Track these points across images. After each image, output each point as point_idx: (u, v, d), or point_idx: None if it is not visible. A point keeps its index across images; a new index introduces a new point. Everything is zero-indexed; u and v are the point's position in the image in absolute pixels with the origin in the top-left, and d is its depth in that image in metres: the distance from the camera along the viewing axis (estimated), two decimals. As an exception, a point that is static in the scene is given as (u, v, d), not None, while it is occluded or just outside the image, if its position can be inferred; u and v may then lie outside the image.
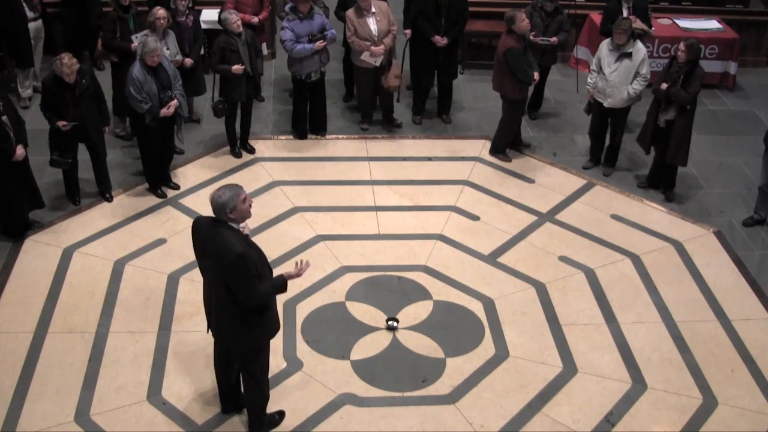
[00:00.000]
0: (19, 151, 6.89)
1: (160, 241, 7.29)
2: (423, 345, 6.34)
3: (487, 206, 7.96)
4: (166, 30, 7.95)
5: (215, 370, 5.55)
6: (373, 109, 9.21)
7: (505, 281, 7.01)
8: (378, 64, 8.60)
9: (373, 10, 8.45)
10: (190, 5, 8.59)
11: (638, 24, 8.81)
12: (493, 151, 8.76)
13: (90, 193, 7.84)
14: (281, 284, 4.96)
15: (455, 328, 6.51)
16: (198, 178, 8.17)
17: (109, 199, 7.80)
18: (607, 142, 8.54)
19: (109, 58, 8.55)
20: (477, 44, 10.69)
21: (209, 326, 5.23)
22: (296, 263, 5.04)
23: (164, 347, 6.20)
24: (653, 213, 7.98)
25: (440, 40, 8.67)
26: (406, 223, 7.68)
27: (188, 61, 8.23)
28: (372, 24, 8.45)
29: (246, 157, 8.55)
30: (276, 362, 5.69)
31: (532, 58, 8.25)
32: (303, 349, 6.24)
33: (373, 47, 8.46)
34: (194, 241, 5.05)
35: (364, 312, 6.62)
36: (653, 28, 9.47)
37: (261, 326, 5.07)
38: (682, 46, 7.58)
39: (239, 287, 4.80)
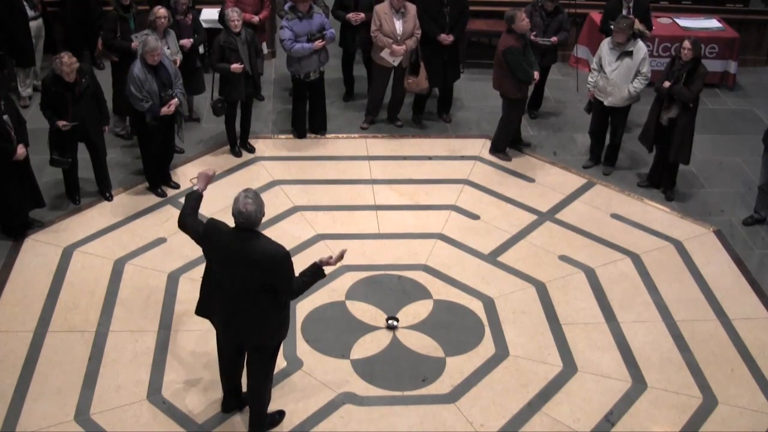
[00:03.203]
0: (20, 150, 6.88)
1: (160, 240, 7.29)
2: (423, 344, 6.34)
3: (487, 205, 7.96)
4: (167, 29, 7.95)
5: (222, 373, 5.52)
6: (380, 109, 9.21)
7: (505, 280, 7.01)
8: (396, 64, 8.62)
9: (402, 10, 8.47)
10: (190, 4, 8.58)
11: (636, 25, 8.80)
12: (493, 150, 8.76)
13: (90, 192, 7.84)
14: (317, 271, 5.08)
15: (455, 327, 6.51)
16: (198, 178, 8.16)
17: (109, 198, 7.80)
18: (608, 141, 8.54)
19: (109, 57, 8.54)
20: (477, 43, 10.68)
21: (232, 336, 5.16)
22: (335, 255, 5.13)
23: (164, 346, 6.20)
24: (653, 212, 7.98)
25: (446, 38, 8.66)
26: (406, 222, 7.68)
27: (187, 42, 8.17)
28: (398, 23, 8.46)
29: (246, 156, 8.55)
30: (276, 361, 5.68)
31: (533, 58, 8.25)
32: (303, 349, 6.25)
33: (395, 46, 8.47)
34: (216, 249, 4.95)
35: (364, 311, 6.63)
36: (653, 29, 9.45)
37: (288, 320, 5.21)
38: (687, 44, 7.56)
39: (287, 283, 4.92)
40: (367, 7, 8.79)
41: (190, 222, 5.10)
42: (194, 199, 5.21)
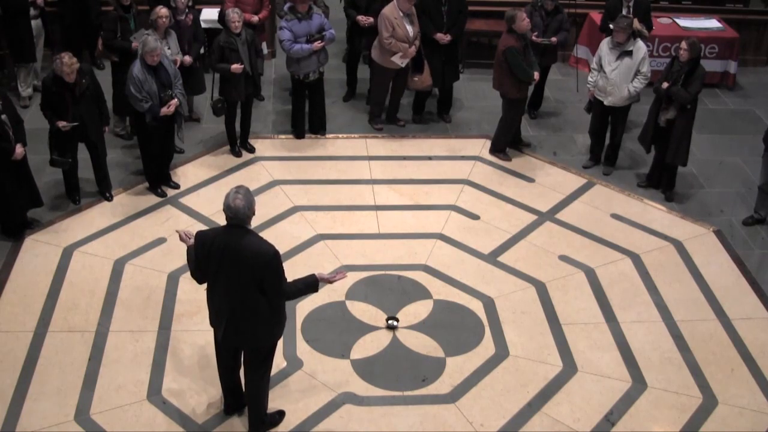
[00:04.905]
0: (19, 150, 6.88)
1: (160, 240, 7.29)
2: (423, 344, 6.34)
3: (487, 205, 7.96)
4: (168, 29, 7.95)
5: (221, 374, 5.52)
6: (384, 109, 9.21)
7: (505, 280, 7.01)
8: (404, 65, 8.62)
9: (409, 12, 8.46)
10: (190, 4, 8.58)
11: (635, 25, 8.80)
12: (493, 150, 8.76)
13: (90, 193, 7.84)
14: (313, 283, 5.09)
15: (455, 327, 6.51)
16: (198, 178, 8.17)
17: (109, 199, 7.80)
18: (608, 141, 8.54)
19: (109, 57, 8.54)
20: (477, 43, 10.68)
21: (224, 336, 5.14)
22: (337, 277, 5.16)
23: (164, 346, 6.20)
24: (653, 212, 7.98)
25: (443, 38, 8.66)
26: (406, 222, 7.68)
27: (187, 59, 8.21)
28: (409, 26, 8.45)
29: (246, 156, 8.55)
30: (276, 362, 5.68)
31: (533, 58, 8.25)
32: (303, 349, 6.25)
33: (409, 49, 8.47)
34: (209, 256, 4.93)
35: (364, 311, 6.63)
36: (653, 29, 9.44)
37: (282, 322, 5.19)
38: (684, 45, 7.58)
39: (277, 284, 4.92)
40: (378, 12, 8.71)
41: (191, 260, 5.09)
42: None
